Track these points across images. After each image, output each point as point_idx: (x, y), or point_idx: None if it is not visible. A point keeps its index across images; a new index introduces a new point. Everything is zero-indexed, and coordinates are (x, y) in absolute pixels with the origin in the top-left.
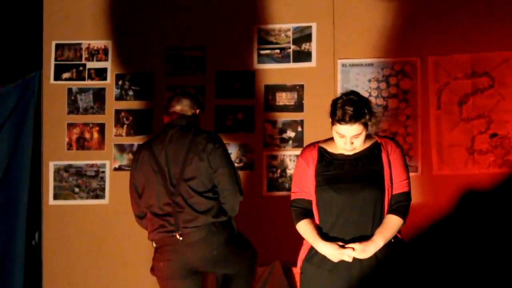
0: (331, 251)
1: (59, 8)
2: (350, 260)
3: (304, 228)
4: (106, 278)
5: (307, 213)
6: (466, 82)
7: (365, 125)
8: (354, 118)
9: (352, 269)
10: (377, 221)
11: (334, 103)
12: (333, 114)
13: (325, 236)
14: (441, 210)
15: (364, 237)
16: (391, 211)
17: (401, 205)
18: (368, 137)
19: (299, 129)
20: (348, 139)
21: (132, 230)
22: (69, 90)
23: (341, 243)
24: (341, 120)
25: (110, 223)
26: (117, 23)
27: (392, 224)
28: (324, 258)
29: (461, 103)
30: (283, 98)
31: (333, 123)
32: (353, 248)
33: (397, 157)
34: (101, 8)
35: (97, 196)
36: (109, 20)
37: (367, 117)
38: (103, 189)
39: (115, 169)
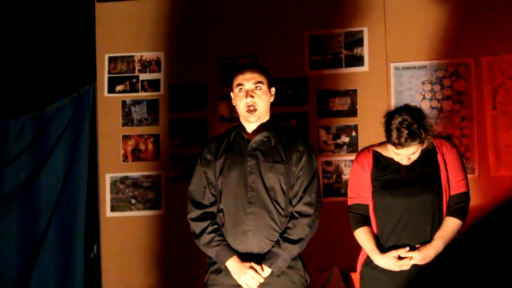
0: (389, 264)
1: (111, 21)
2: (408, 268)
3: (363, 237)
4: None
5: (365, 220)
6: None
7: (421, 143)
8: (409, 141)
9: (412, 271)
10: (436, 224)
11: (388, 123)
12: (388, 134)
13: (382, 247)
14: (500, 212)
15: (423, 241)
16: (450, 213)
17: (460, 206)
18: None
19: (353, 134)
20: (405, 156)
21: (189, 240)
22: (123, 102)
23: (397, 254)
24: (397, 144)
25: (166, 233)
26: (169, 34)
27: (451, 227)
28: None
29: None
30: (336, 104)
31: (388, 142)
32: (411, 257)
33: (453, 157)
34: (152, 20)
35: (153, 207)
36: (161, 31)
37: (423, 135)
38: (159, 200)
39: (170, 179)
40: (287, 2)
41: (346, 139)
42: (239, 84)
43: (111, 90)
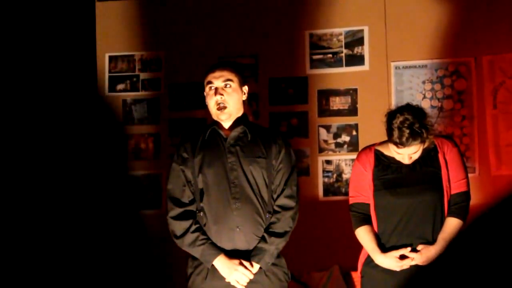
0: (390, 263)
1: (112, 21)
2: (407, 267)
3: (364, 236)
4: (165, 287)
5: (366, 219)
6: None
7: (423, 142)
8: (411, 140)
9: (412, 270)
10: (438, 224)
11: (390, 122)
12: (389, 134)
13: (383, 246)
14: (500, 211)
15: (424, 241)
16: (451, 213)
17: (460, 206)
18: None
19: (354, 133)
20: (406, 156)
21: None
22: (124, 101)
23: (399, 254)
24: (398, 144)
25: (166, 232)
26: (170, 33)
27: (453, 227)
28: None
29: None
30: (336, 103)
31: (389, 141)
32: (412, 258)
33: (454, 156)
34: (153, 19)
35: (153, 206)
36: (161, 30)
37: (424, 135)
38: (159, 199)
39: None
40: (288, 1)
41: (347, 138)
42: (209, 82)
43: (111, 89)
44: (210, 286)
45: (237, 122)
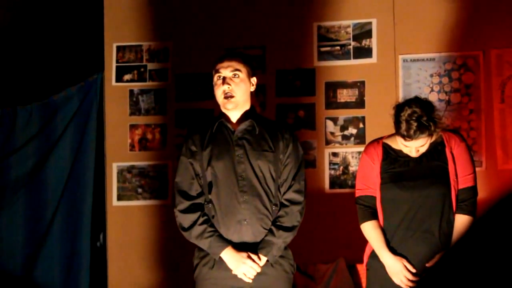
0: (394, 266)
1: (120, 10)
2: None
3: (370, 231)
4: (171, 278)
5: (373, 213)
6: None
7: (430, 135)
8: (418, 133)
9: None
10: (445, 218)
11: (398, 114)
12: (397, 126)
13: (387, 242)
14: (504, 206)
15: (430, 235)
16: (461, 210)
17: (469, 203)
18: None
19: (361, 125)
20: (413, 148)
21: None
22: (131, 91)
23: (407, 266)
24: (406, 136)
25: (172, 222)
26: (177, 24)
27: (465, 226)
28: None
29: None
30: (344, 95)
31: (397, 134)
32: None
33: (461, 151)
34: (161, 9)
35: (159, 196)
36: (169, 21)
37: (432, 128)
38: (165, 189)
39: None
40: None
41: (354, 131)
42: (217, 72)
43: (118, 79)
44: (217, 276)
45: (245, 116)
